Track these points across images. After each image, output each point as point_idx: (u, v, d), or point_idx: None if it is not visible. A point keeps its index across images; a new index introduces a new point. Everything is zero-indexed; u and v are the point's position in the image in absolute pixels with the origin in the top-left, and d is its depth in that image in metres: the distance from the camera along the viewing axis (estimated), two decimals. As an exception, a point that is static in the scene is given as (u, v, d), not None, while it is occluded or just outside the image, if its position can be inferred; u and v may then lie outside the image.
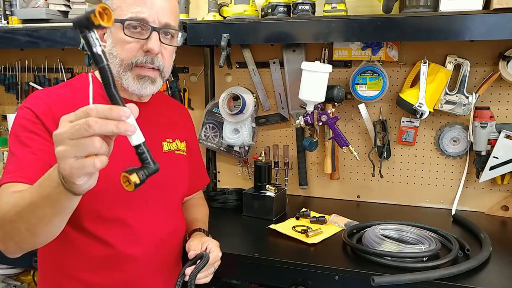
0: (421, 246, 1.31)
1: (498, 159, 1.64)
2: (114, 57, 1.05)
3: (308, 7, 1.64)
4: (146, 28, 1.04)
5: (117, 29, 1.04)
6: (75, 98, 1.03)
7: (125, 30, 1.04)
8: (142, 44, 1.04)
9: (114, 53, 1.05)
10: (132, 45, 1.04)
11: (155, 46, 1.04)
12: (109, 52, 1.05)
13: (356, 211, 1.81)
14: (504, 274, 1.23)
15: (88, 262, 1.06)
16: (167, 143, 1.21)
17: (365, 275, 1.19)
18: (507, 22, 1.33)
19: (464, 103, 1.68)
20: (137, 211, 1.10)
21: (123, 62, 1.05)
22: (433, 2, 1.48)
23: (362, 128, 1.86)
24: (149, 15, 1.04)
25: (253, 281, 1.37)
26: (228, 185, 2.04)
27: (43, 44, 1.81)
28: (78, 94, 1.06)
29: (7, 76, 2.25)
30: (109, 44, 1.06)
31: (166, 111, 1.27)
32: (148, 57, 1.05)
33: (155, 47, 1.04)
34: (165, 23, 1.07)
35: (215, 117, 1.97)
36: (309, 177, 1.97)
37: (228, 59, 1.71)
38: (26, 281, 1.95)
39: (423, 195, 1.84)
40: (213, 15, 1.78)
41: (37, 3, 1.96)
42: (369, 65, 1.77)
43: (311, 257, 1.33)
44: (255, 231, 1.55)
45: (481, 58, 1.68)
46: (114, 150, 0.84)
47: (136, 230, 1.09)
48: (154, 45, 1.04)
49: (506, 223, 1.65)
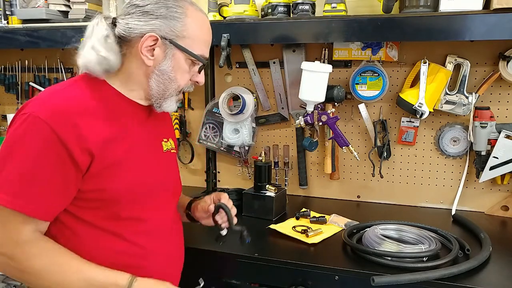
0: (421, 246, 1.31)
1: (498, 159, 1.64)
2: (170, 80, 1.09)
3: (308, 7, 1.64)
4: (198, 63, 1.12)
5: (181, 56, 1.08)
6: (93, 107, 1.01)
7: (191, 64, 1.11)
8: (192, 74, 1.13)
9: (171, 77, 1.08)
10: (188, 75, 1.12)
11: (203, 79, 1.17)
12: (163, 72, 1.07)
13: (356, 211, 1.81)
14: (504, 274, 1.24)
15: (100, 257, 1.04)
16: (164, 142, 1.23)
17: (365, 275, 1.20)
18: (507, 22, 1.34)
19: (464, 103, 1.68)
20: (150, 211, 1.12)
21: (179, 87, 1.12)
22: (433, 2, 1.48)
23: (362, 128, 1.86)
24: (207, 53, 1.14)
25: (253, 281, 1.37)
26: (228, 185, 2.04)
27: (43, 44, 1.81)
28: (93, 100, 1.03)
29: (7, 76, 2.25)
30: (168, 65, 1.07)
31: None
32: (193, 86, 1.17)
33: (203, 80, 1.17)
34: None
35: (215, 117, 1.97)
36: (309, 177, 1.97)
37: (228, 59, 1.71)
38: (26, 281, 1.95)
39: (423, 195, 1.84)
40: (213, 15, 1.78)
41: (37, 3, 1.96)
42: (369, 65, 1.77)
43: (311, 257, 1.33)
44: (255, 231, 1.54)
45: (481, 58, 1.68)
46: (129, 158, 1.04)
47: (150, 226, 1.11)
48: (203, 78, 1.16)
49: (506, 223, 1.65)
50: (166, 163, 1.21)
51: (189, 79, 1.13)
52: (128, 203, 1.05)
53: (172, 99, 1.12)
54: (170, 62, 1.07)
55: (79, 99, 1.01)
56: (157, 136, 1.20)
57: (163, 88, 1.09)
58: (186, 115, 2.07)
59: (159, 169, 1.16)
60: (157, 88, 1.08)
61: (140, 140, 1.11)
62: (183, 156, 2.11)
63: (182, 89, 1.14)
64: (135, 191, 1.06)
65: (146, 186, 1.10)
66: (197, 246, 1.39)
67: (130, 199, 1.06)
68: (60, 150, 0.93)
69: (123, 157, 1.04)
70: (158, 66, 1.06)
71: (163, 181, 1.17)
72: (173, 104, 1.14)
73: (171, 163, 1.25)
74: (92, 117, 0.99)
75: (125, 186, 1.04)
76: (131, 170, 1.06)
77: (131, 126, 1.09)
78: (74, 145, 0.94)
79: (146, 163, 1.11)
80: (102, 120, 1.01)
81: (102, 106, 1.04)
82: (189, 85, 1.15)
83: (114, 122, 1.04)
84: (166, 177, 1.19)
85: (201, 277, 1.35)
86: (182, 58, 1.08)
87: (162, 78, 1.07)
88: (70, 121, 0.94)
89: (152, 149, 1.16)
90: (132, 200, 1.06)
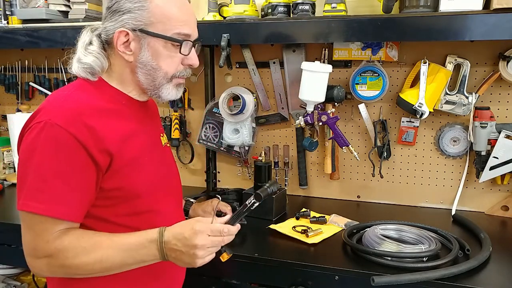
0: (421, 246, 1.31)
1: (498, 159, 1.64)
2: (154, 70, 1.08)
3: (308, 7, 1.64)
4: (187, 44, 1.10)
5: (157, 43, 1.06)
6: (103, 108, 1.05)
7: (170, 47, 1.08)
8: (183, 57, 1.10)
9: (154, 66, 1.08)
10: (175, 59, 1.09)
11: (197, 61, 1.13)
12: (145, 63, 1.07)
13: (356, 211, 1.81)
14: (504, 274, 1.24)
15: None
16: (161, 137, 1.27)
17: (365, 275, 1.20)
18: (507, 22, 1.33)
19: (464, 103, 1.68)
20: (161, 202, 1.16)
21: (167, 74, 1.10)
22: (433, 2, 1.48)
23: (362, 128, 1.86)
24: (192, 32, 1.10)
25: (253, 281, 1.37)
26: (228, 185, 2.04)
27: (43, 44, 1.81)
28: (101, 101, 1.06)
29: (7, 76, 2.26)
30: (146, 56, 1.07)
31: (153, 106, 1.33)
32: (188, 70, 1.14)
33: (196, 62, 1.13)
34: (198, 36, 1.14)
35: (215, 117, 1.97)
36: (309, 177, 1.97)
37: (228, 59, 1.71)
38: (26, 281, 1.95)
39: (423, 195, 1.84)
40: (213, 15, 1.78)
41: (37, 3, 1.96)
42: (369, 65, 1.76)
43: (311, 257, 1.33)
44: (255, 231, 1.55)
45: (481, 58, 1.68)
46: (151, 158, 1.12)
47: (163, 218, 1.14)
48: (195, 60, 1.13)
49: (506, 223, 1.65)
50: (167, 157, 1.26)
51: (179, 63, 1.11)
52: (146, 198, 1.10)
53: (167, 87, 1.12)
54: (147, 51, 1.07)
55: (89, 101, 1.03)
56: (156, 131, 1.25)
57: (151, 78, 1.09)
58: (186, 115, 2.07)
59: (163, 161, 1.21)
60: (146, 80, 1.09)
61: (147, 136, 1.15)
62: (183, 156, 2.11)
63: (174, 75, 1.11)
64: (151, 184, 1.11)
65: (157, 179, 1.14)
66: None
67: (148, 192, 1.10)
68: (80, 152, 0.96)
69: (138, 153, 1.08)
70: (138, 58, 1.07)
71: (168, 173, 1.22)
72: (172, 91, 1.13)
73: (170, 156, 1.30)
74: (105, 117, 1.03)
75: (143, 180, 1.09)
76: (146, 165, 1.11)
77: (138, 123, 1.13)
78: (93, 146, 0.97)
79: (154, 157, 1.15)
80: (114, 120, 1.05)
81: (111, 106, 1.07)
82: (181, 70, 1.12)
83: (125, 120, 1.08)
84: (170, 169, 1.25)
85: (202, 277, 1.36)
86: (159, 45, 1.07)
87: (146, 69, 1.08)
88: (85, 123, 0.97)
89: (155, 143, 1.21)
90: (149, 194, 1.11)
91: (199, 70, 2.00)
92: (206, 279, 1.41)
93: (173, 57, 1.09)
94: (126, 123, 1.08)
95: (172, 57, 1.09)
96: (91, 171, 0.99)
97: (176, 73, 1.11)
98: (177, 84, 1.14)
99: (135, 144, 1.08)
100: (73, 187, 0.97)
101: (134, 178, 1.06)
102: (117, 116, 1.07)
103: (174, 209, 1.23)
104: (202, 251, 0.99)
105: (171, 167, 1.27)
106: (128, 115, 1.10)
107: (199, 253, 0.99)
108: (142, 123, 1.14)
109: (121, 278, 1.05)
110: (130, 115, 1.11)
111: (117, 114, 1.07)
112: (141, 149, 1.10)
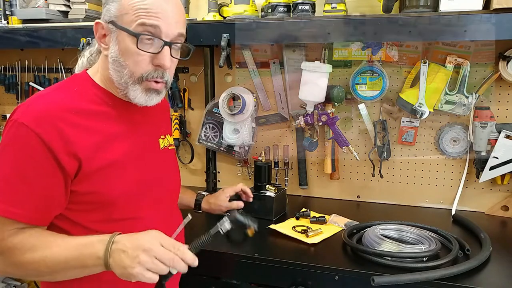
0: (421, 246, 1.31)
1: (498, 159, 1.64)
2: (122, 67, 1.00)
3: (308, 7, 1.64)
4: (157, 41, 0.99)
5: (125, 38, 0.98)
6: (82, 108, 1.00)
7: (138, 44, 0.98)
8: (152, 57, 1.00)
9: (121, 62, 1.00)
10: (143, 58, 1.00)
11: (167, 61, 1.00)
12: (114, 58, 1.01)
13: (356, 211, 1.81)
14: (504, 274, 1.24)
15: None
16: (161, 139, 1.20)
17: (365, 275, 1.20)
18: (507, 22, 1.33)
19: (464, 103, 1.68)
20: (146, 210, 1.09)
21: (133, 74, 1.01)
22: (433, 2, 1.48)
23: (362, 128, 1.86)
24: (162, 25, 0.98)
25: (253, 281, 1.37)
26: (228, 185, 2.03)
27: (43, 44, 1.81)
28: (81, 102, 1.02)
29: (7, 76, 2.25)
30: (114, 50, 1.00)
31: (155, 107, 1.21)
32: (159, 72, 1.02)
33: (167, 63, 1.00)
34: (178, 34, 1.02)
35: (215, 117, 1.97)
36: (309, 177, 1.97)
37: (228, 59, 1.71)
38: (26, 281, 1.95)
39: (423, 195, 1.84)
40: (213, 15, 1.78)
41: (37, 3, 1.96)
42: (369, 65, 1.76)
43: (311, 257, 1.33)
44: (255, 231, 1.54)
45: (481, 58, 1.68)
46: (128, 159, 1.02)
47: (147, 224, 1.07)
48: (166, 60, 1.00)
49: (506, 223, 1.65)
50: (163, 160, 1.18)
51: (149, 63, 1.00)
52: (123, 204, 1.03)
53: (134, 88, 1.01)
54: (116, 46, 1.00)
55: (65, 102, 0.98)
56: (153, 133, 1.18)
57: (119, 76, 1.01)
58: (186, 115, 2.07)
59: (155, 167, 1.14)
60: (116, 77, 1.02)
61: (135, 139, 1.09)
62: (183, 156, 2.11)
63: (143, 76, 1.00)
64: (130, 191, 1.04)
65: (141, 185, 1.07)
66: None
67: (125, 200, 1.03)
68: (45, 154, 0.92)
69: (116, 159, 1.02)
70: (109, 53, 1.02)
71: (159, 179, 1.14)
72: (140, 96, 1.02)
73: (169, 159, 1.23)
74: (81, 119, 0.98)
75: (120, 187, 1.02)
76: (126, 171, 1.03)
77: (125, 125, 1.07)
78: (60, 149, 0.93)
79: (141, 162, 1.08)
80: (93, 122, 1.00)
81: (92, 107, 1.02)
82: (150, 71, 1.01)
83: (106, 123, 1.03)
84: (163, 175, 1.17)
85: (202, 277, 1.36)
86: (127, 40, 0.98)
87: (115, 65, 1.01)
88: (54, 125, 0.93)
89: (148, 147, 1.14)
90: (127, 201, 1.04)
91: (199, 70, 2.00)
92: (206, 279, 1.41)
93: (141, 55, 0.99)
94: (107, 125, 1.02)
95: (140, 55, 0.99)
96: (57, 174, 0.94)
97: (144, 74, 1.00)
98: (147, 89, 1.02)
99: (115, 148, 1.02)
100: (34, 189, 0.93)
101: (109, 183, 1.00)
102: (98, 118, 1.02)
103: (163, 217, 1.14)
104: (146, 256, 0.87)
105: (167, 172, 1.19)
106: (113, 117, 1.05)
107: (142, 258, 0.87)
108: (131, 125, 1.09)
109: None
110: (116, 116, 1.05)
111: (97, 115, 1.02)
112: (124, 153, 1.03)
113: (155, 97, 1.05)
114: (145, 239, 0.90)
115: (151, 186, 1.11)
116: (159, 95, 1.06)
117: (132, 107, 1.09)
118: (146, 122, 1.15)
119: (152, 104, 1.07)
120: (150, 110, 1.17)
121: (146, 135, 1.14)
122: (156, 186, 1.12)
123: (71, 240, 0.94)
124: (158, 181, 1.14)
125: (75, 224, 1.01)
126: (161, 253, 0.88)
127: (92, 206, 1.00)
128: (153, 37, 0.98)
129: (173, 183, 1.24)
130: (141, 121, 1.13)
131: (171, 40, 1.01)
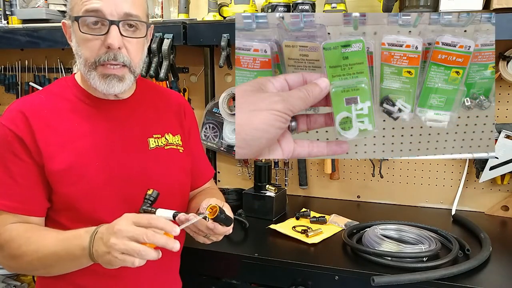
0: (421, 246, 1.31)
1: (498, 159, 1.64)
2: (79, 57, 1.01)
3: (308, 7, 1.64)
4: (104, 23, 0.97)
5: (75, 27, 0.99)
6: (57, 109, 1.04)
7: (82, 28, 0.97)
8: (103, 40, 0.98)
9: (79, 53, 1.01)
10: (93, 43, 0.98)
11: (115, 41, 0.97)
12: (76, 52, 1.02)
13: (356, 211, 1.81)
14: (504, 274, 1.24)
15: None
16: (154, 139, 1.13)
17: (365, 275, 1.20)
18: (507, 22, 1.34)
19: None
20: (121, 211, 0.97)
21: (87, 61, 1.00)
22: (433, 2, 1.48)
23: (362, 128, 1.86)
24: (104, 7, 0.96)
25: (253, 281, 1.37)
26: (228, 185, 2.04)
27: (43, 44, 1.81)
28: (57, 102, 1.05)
29: (7, 76, 2.25)
30: (74, 43, 1.02)
31: (153, 103, 1.19)
32: (110, 53, 0.98)
33: (114, 42, 0.97)
34: (125, 13, 0.98)
35: (215, 117, 1.97)
36: (309, 177, 1.97)
37: (228, 59, 1.71)
38: (26, 281, 1.95)
39: (423, 195, 1.84)
40: (213, 15, 1.78)
41: (37, 3, 1.96)
42: (369, 65, 1.76)
43: (311, 257, 1.33)
44: (255, 231, 1.55)
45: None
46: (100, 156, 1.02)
47: None
48: (114, 40, 0.96)
49: (506, 223, 1.65)
50: (151, 162, 1.10)
51: (100, 47, 0.98)
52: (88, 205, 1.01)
53: (91, 76, 1.00)
54: (75, 38, 1.02)
55: (38, 103, 1.03)
56: (140, 133, 1.11)
57: (81, 68, 1.02)
58: (186, 115, 2.07)
59: (137, 166, 1.07)
60: (82, 70, 1.03)
61: (113, 137, 1.06)
62: (183, 156, 2.11)
63: (95, 61, 0.99)
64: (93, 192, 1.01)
65: (115, 187, 1.03)
66: (197, 246, 1.38)
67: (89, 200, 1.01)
68: (20, 147, 0.98)
69: (77, 160, 1.00)
70: (73, 48, 1.03)
71: (144, 180, 1.07)
72: (99, 83, 1.00)
73: (160, 161, 1.13)
74: (51, 120, 1.01)
75: (80, 188, 1.00)
76: (89, 171, 1.01)
77: (103, 122, 1.06)
78: (30, 143, 0.98)
79: (113, 161, 1.04)
80: (63, 122, 1.02)
81: (67, 105, 1.05)
82: (102, 54, 0.98)
83: (78, 122, 1.03)
84: (152, 175, 1.09)
85: (202, 277, 1.36)
86: (76, 28, 1.00)
87: (78, 59, 1.02)
88: (25, 122, 0.99)
89: (131, 145, 1.08)
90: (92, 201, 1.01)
91: (199, 70, 2.00)
92: (206, 279, 1.41)
93: (90, 40, 0.98)
94: (80, 125, 1.03)
95: (89, 40, 0.98)
96: (31, 164, 0.99)
97: (97, 58, 0.98)
98: (104, 75, 1.00)
99: (80, 148, 1.01)
100: (17, 180, 0.98)
101: (65, 187, 0.99)
102: (71, 117, 1.03)
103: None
104: (115, 239, 0.82)
105: (155, 172, 1.10)
106: (89, 115, 1.05)
107: (112, 241, 0.82)
108: (112, 122, 1.07)
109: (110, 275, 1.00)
110: (94, 114, 1.05)
111: (72, 114, 1.03)
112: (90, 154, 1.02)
113: (117, 83, 1.01)
114: (117, 222, 0.85)
115: (132, 188, 1.05)
116: (122, 81, 1.02)
117: (116, 104, 1.09)
118: (132, 121, 1.10)
119: (115, 92, 1.03)
120: (142, 106, 1.13)
121: (131, 132, 1.10)
122: (138, 188, 1.04)
123: (63, 233, 0.95)
124: (141, 182, 1.06)
125: (57, 223, 1.03)
126: (132, 231, 0.82)
127: (60, 206, 1.02)
128: (97, 18, 0.97)
129: (167, 185, 1.12)
130: (126, 118, 1.10)
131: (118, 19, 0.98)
